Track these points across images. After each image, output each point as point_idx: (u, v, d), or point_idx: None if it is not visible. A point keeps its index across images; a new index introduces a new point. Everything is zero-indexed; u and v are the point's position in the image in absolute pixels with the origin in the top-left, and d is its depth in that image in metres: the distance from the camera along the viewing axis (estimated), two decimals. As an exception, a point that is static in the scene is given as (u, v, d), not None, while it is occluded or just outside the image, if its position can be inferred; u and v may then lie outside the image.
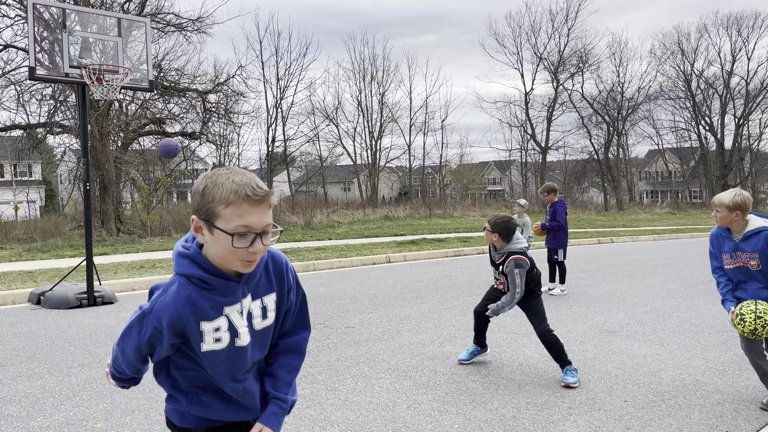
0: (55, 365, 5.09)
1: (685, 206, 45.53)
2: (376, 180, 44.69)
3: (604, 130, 50.00)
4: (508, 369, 4.88)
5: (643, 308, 7.47)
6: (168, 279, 1.75)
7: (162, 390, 4.38)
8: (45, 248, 14.39)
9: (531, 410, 3.97)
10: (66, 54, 7.81)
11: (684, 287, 9.16)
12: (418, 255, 13.77)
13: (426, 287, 9.27)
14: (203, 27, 21.64)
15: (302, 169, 52.11)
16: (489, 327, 6.35)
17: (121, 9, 19.69)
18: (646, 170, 72.13)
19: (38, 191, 47.73)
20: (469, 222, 26.11)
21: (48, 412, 3.98)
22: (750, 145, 51.77)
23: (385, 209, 30.88)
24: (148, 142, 25.01)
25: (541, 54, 44.98)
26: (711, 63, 50.38)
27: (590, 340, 5.82)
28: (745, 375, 4.70)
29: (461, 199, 43.58)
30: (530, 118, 45.85)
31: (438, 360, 5.15)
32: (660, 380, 4.58)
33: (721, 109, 50.08)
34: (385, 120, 45.21)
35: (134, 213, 21.26)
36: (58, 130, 21.72)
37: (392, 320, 6.79)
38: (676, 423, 3.75)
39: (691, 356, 5.25)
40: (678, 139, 55.15)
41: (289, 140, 41.78)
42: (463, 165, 58.04)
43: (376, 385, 4.50)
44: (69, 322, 6.88)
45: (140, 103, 22.22)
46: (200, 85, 23.97)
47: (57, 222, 20.99)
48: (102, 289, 8.16)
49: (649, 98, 50.27)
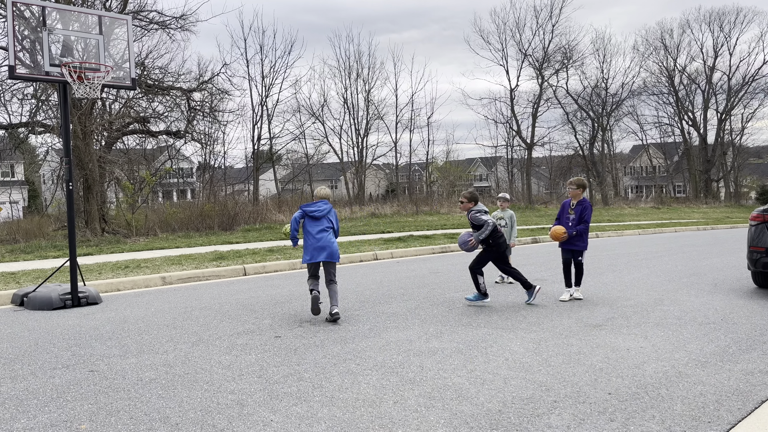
0: (39, 366, 5.04)
1: (670, 201, 45.99)
2: (362, 177, 44.67)
3: (588, 126, 50.44)
4: (494, 364, 4.91)
5: (627, 302, 7.55)
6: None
7: (144, 391, 4.36)
8: (28, 249, 14.24)
9: (516, 404, 4.00)
10: (47, 52, 7.72)
11: (667, 281, 9.26)
12: (405, 252, 13.80)
13: (413, 284, 9.29)
14: (187, 25, 21.46)
15: (288, 167, 51.94)
16: (475, 323, 6.40)
17: (103, 7, 19.49)
18: (631, 165, 72.76)
19: (21, 192, 47.18)
20: (456, 218, 26.18)
21: (32, 414, 3.95)
22: (732, 139, 52.43)
23: (372, 207, 30.90)
24: (132, 141, 24.79)
25: (526, 50, 45.22)
26: (693, 58, 51.00)
27: (575, 334, 5.87)
28: (726, 366, 4.77)
29: (448, 195, 43.68)
30: (516, 114, 46.07)
31: (424, 356, 5.17)
32: (643, 372, 4.63)
33: (704, 105, 50.69)
34: (372, 117, 45.24)
35: (119, 213, 21.09)
36: (40, 129, 21.46)
37: (379, 317, 6.80)
38: (659, 414, 3.80)
39: (674, 348, 5.31)
40: (662, 135, 55.76)
41: (274, 138, 41.62)
42: (450, 162, 58.22)
43: (363, 381, 4.51)
44: (53, 323, 6.82)
45: (124, 101, 22.02)
46: (184, 84, 23.77)
47: (40, 223, 20.77)
48: (86, 289, 8.09)
49: (633, 94, 50.79)
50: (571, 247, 7.69)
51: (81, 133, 18.51)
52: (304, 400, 4.14)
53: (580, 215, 7.60)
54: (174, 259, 11.95)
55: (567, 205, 7.84)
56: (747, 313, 6.77)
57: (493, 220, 7.41)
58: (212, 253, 12.85)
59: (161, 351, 5.48)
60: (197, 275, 10.14)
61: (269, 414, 3.89)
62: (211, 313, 7.19)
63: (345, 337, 5.90)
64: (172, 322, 6.70)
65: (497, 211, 9.46)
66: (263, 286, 9.26)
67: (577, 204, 7.68)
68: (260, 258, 12.01)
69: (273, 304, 7.69)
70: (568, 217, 7.69)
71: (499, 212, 9.44)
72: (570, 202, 7.81)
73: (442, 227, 20.88)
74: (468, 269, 7.72)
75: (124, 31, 9.22)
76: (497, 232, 7.44)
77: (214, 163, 39.56)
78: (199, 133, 28.58)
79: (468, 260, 12.38)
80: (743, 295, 7.99)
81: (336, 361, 5.07)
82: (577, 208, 7.64)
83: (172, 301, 8.08)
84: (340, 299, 7.55)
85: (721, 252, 13.48)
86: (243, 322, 6.68)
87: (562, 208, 7.91)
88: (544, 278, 9.64)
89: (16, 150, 25.97)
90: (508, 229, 9.26)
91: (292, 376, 4.67)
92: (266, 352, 5.39)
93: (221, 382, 4.55)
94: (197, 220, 19.64)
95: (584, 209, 7.62)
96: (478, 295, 7.52)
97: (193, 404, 4.08)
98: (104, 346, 5.71)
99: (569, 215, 7.70)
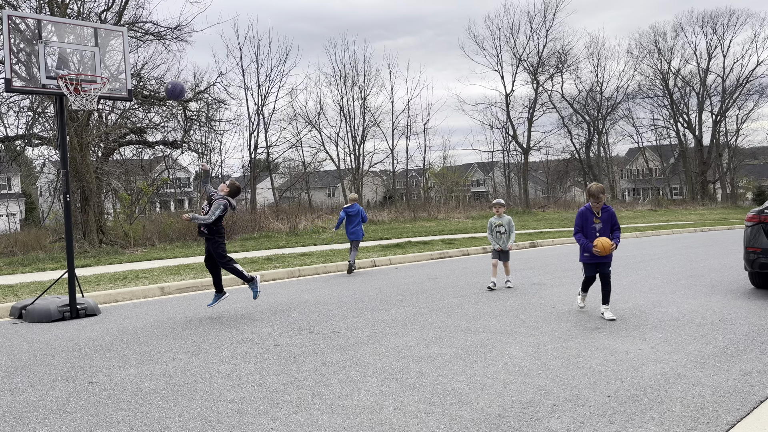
0: (38, 379, 5.04)
1: (666, 203, 46.11)
2: (360, 184, 44.67)
3: (584, 130, 50.66)
4: (493, 368, 4.92)
5: (625, 305, 7.56)
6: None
7: (144, 402, 4.36)
8: (26, 261, 14.22)
9: (516, 408, 4.01)
10: (42, 65, 7.75)
11: (665, 283, 9.29)
12: (404, 258, 13.81)
13: (411, 290, 9.30)
14: (182, 35, 21.50)
15: (286, 175, 51.94)
16: (474, 328, 6.41)
17: (99, 19, 19.54)
18: (627, 168, 72.96)
19: (18, 204, 47.08)
20: (454, 224, 26.21)
21: (32, 427, 3.95)
22: (728, 141, 52.60)
23: (370, 213, 30.90)
24: (129, 151, 24.80)
25: (521, 56, 45.38)
26: (687, 61, 51.11)
27: (574, 337, 5.88)
28: (725, 367, 4.79)
29: (445, 201, 43.78)
30: (511, 119, 46.21)
31: (424, 362, 5.18)
32: (642, 375, 4.65)
33: (699, 107, 50.87)
34: (368, 124, 45.24)
35: (116, 224, 21.06)
36: (36, 141, 21.45)
37: (378, 324, 6.80)
38: (658, 416, 3.81)
39: (673, 350, 5.33)
40: (657, 137, 55.98)
41: (271, 147, 41.62)
42: (447, 167, 58.34)
43: (363, 388, 4.52)
44: (52, 335, 6.81)
45: (120, 112, 22.04)
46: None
47: (38, 235, 20.73)
48: (85, 301, 8.08)
49: (628, 97, 51.02)
50: (605, 260, 6.90)
51: (78, 144, 18.51)
52: (304, 407, 4.14)
53: (612, 221, 6.92)
54: (172, 269, 11.94)
55: (588, 214, 6.94)
56: (745, 314, 6.79)
57: (224, 204, 7.65)
58: (210, 262, 12.84)
59: (161, 361, 5.48)
60: (196, 285, 10.13)
61: (269, 422, 3.89)
62: (210, 323, 7.19)
63: (344, 344, 5.90)
64: (171, 332, 6.70)
65: (494, 218, 9.39)
66: (262, 295, 9.26)
67: (603, 211, 6.92)
68: (258, 267, 12.01)
69: (272, 313, 7.69)
70: (595, 227, 6.88)
71: (496, 218, 9.36)
72: (589, 209, 6.95)
73: (440, 233, 20.89)
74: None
75: (119, 42, 9.25)
76: (220, 224, 7.79)
77: (211, 173, 39.57)
78: (196, 142, 28.63)
79: (466, 266, 12.40)
80: (741, 295, 8.02)
81: (335, 368, 5.07)
82: (603, 215, 6.89)
83: (170, 311, 8.07)
84: (348, 301, 7.58)
85: (718, 253, 13.51)
86: (242, 331, 6.68)
87: (584, 218, 6.97)
88: (543, 282, 9.66)
89: (12, 162, 25.95)
90: (507, 234, 9.32)
91: (292, 384, 4.67)
92: (265, 360, 5.39)
93: (221, 391, 4.55)
94: (195, 230, 19.60)
95: (613, 214, 6.96)
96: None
97: (193, 414, 4.08)
98: (103, 357, 5.71)
99: (595, 225, 6.89)
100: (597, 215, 6.91)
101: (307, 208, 34.83)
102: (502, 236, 9.30)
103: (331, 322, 6.99)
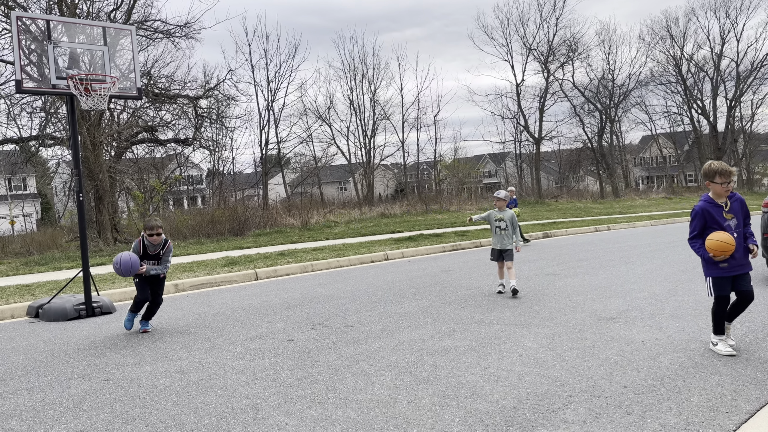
0: (55, 377, 5.08)
1: (681, 190, 45.66)
2: (371, 178, 44.67)
3: (596, 118, 50.12)
4: (508, 360, 4.89)
5: (640, 294, 7.49)
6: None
7: (159, 399, 4.37)
8: (42, 261, 14.36)
9: (531, 400, 3.97)
10: (53, 65, 7.78)
11: (681, 271, 9.18)
12: (416, 251, 13.78)
13: (424, 283, 9.27)
14: (191, 32, 21.61)
15: (297, 170, 52.09)
16: (488, 320, 6.38)
17: (108, 18, 19.64)
18: (641, 156, 72.27)
19: (33, 204, 47.60)
20: (466, 216, 26.13)
21: (49, 425, 3.98)
22: (743, 126, 51.92)
23: (382, 207, 30.88)
24: (141, 150, 24.97)
25: (531, 45, 44.98)
26: (700, 46, 50.42)
27: (589, 328, 5.83)
28: (743, 356, 4.72)
29: (457, 193, 43.63)
30: (522, 109, 45.88)
31: (438, 354, 5.16)
32: (659, 364, 4.59)
33: (713, 92, 50.20)
34: (378, 118, 45.24)
35: (130, 222, 21.23)
36: (50, 142, 21.68)
37: (391, 317, 6.79)
38: (676, 406, 3.76)
39: (690, 339, 5.26)
40: (671, 124, 55.32)
41: (282, 142, 41.75)
42: (458, 159, 58.15)
43: (377, 382, 4.51)
44: (68, 333, 6.87)
45: (131, 111, 22.18)
46: (191, 91, 23.93)
47: (53, 234, 20.96)
48: (100, 299, 8.15)
49: (640, 84, 50.42)
50: (743, 270, 4.82)
51: (90, 144, 18.66)
52: (318, 402, 4.14)
53: (744, 212, 4.87)
54: (186, 266, 12.01)
55: (713, 209, 4.81)
56: (763, 302, 6.69)
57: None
58: (224, 258, 12.90)
59: (175, 358, 5.51)
60: (209, 281, 10.18)
61: (284, 417, 3.89)
62: (224, 319, 7.21)
63: (358, 338, 5.90)
64: (185, 329, 6.73)
65: (494, 211, 8.16)
66: (275, 290, 9.28)
67: (733, 200, 4.82)
68: (271, 262, 12.04)
69: (285, 308, 7.71)
70: (730, 224, 4.77)
71: (496, 212, 8.14)
72: (710, 202, 4.83)
73: (453, 225, 20.83)
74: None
75: (128, 41, 9.28)
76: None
77: (222, 169, 39.78)
78: (207, 139, 28.76)
79: (479, 258, 12.35)
80: (758, 282, 7.90)
81: (349, 362, 5.06)
82: (734, 205, 4.80)
83: (184, 308, 8.11)
84: (361, 295, 7.59)
85: (734, 240, 13.34)
86: (256, 326, 6.69)
87: (708, 216, 4.81)
88: (556, 273, 9.59)
89: (27, 163, 26.24)
90: (509, 231, 7.99)
91: (306, 378, 4.67)
92: (279, 355, 5.40)
93: (235, 387, 4.56)
94: (208, 227, 19.72)
95: (743, 202, 4.89)
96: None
97: (207, 410, 4.09)
98: (119, 354, 5.75)
99: (728, 221, 4.78)
100: (725, 207, 4.80)
101: (319, 203, 34.91)
102: (503, 233, 7.97)
103: (344, 316, 6.99)
